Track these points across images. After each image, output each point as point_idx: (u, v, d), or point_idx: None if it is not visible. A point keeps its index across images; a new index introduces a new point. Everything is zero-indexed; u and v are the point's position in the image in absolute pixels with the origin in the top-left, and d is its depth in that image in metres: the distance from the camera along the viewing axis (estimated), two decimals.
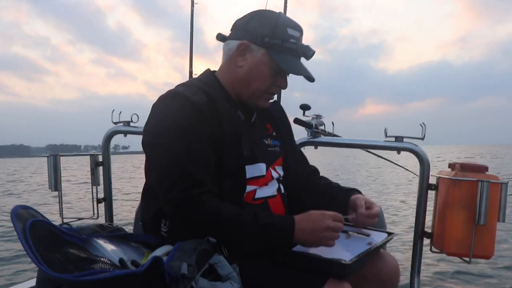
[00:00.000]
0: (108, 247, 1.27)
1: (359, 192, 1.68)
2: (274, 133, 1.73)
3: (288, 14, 1.65)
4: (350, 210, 1.58)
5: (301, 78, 1.58)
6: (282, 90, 1.69)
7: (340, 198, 1.64)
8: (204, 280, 1.05)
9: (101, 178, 2.57)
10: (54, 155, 2.44)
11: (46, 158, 2.44)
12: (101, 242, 1.28)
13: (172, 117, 1.40)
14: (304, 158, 1.90)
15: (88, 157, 2.56)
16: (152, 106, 1.48)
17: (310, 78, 1.57)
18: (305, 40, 1.59)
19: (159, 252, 1.25)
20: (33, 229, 1.09)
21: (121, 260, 1.16)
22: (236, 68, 1.55)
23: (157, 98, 1.49)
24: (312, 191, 1.73)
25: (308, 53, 1.56)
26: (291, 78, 1.61)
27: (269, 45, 1.50)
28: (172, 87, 1.55)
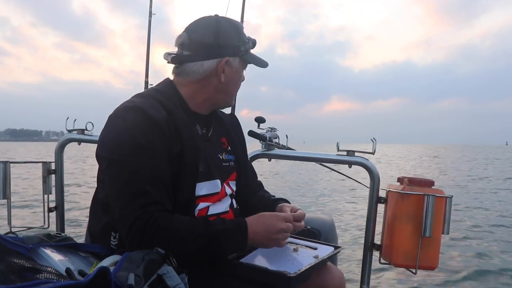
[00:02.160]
0: (56, 256, 1.25)
1: (286, 201, 1.75)
2: (229, 148, 1.75)
3: (256, 9, 1.74)
4: None
5: (265, 69, 1.69)
6: (245, 88, 1.77)
7: (270, 209, 1.69)
8: None
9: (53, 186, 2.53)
10: (4, 162, 2.37)
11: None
12: (48, 251, 1.26)
13: (130, 132, 1.38)
14: (254, 173, 1.95)
15: (40, 164, 2.52)
16: (108, 118, 1.46)
17: (266, 64, 1.67)
18: (272, 35, 1.71)
19: (107, 262, 1.25)
20: None
21: (67, 270, 1.14)
22: (214, 84, 1.58)
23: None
24: (255, 204, 1.76)
25: (255, 43, 1.65)
26: (256, 74, 1.73)
27: (240, 52, 1.57)
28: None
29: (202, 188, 1.51)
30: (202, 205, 1.52)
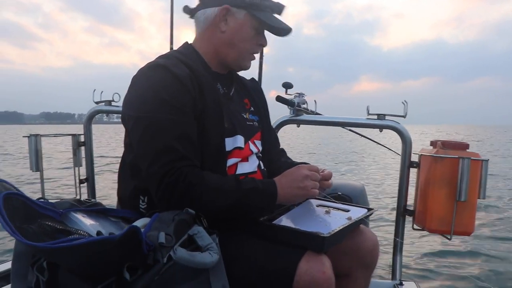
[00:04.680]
0: (86, 221, 1.26)
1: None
2: (252, 108, 1.74)
3: None
4: None
5: (292, 49, 1.63)
6: (271, 69, 1.70)
7: None
8: (182, 249, 1.05)
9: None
10: (35, 135, 2.41)
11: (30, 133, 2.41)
12: (79, 216, 1.27)
13: (154, 89, 1.38)
14: (276, 139, 1.94)
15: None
16: (132, 78, 1.46)
17: (288, 31, 1.58)
18: (298, 15, 1.63)
19: (137, 224, 1.24)
20: (7, 202, 1.08)
21: (98, 233, 1.14)
22: (218, 34, 1.56)
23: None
24: (277, 169, 1.74)
25: (281, 8, 1.59)
26: (281, 52, 1.65)
27: (249, 6, 1.52)
28: None
29: (228, 144, 1.51)
30: (230, 161, 1.51)
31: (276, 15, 1.59)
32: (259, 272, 1.32)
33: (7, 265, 2.09)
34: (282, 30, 1.57)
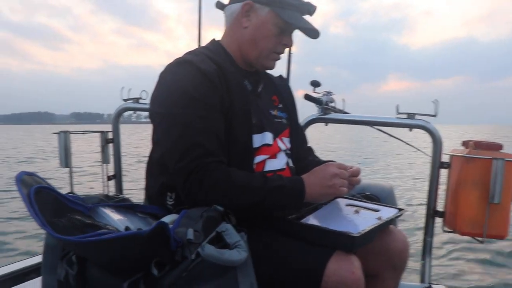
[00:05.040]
0: (114, 216, 1.26)
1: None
2: (280, 105, 1.72)
3: None
4: None
5: (319, 48, 1.59)
6: (299, 68, 1.68)
7: None
8: (210, 246, 1.03)
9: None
10: (64, 131, 2.44)
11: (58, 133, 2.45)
12: (107, 211, 1.27)
13: (181, 85, 1.37)
14: (304, 136, 1.90)
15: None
16: (160, 74, 1.46)
17: (316, 33, 1.54)
18: (326, 13, 1.59)
19: (166, 220, 1.24)
20: (38, 195, 1.09)
21: (127, 228, 1.14)
22: (241, 30, 1.55)
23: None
24: (305, 168, 1.71)
25: (311, 9, 1.56)
26: (309, 52, 1.61)
27: (273, 3, 1.49)
28: None
29: (255, 141, 1.49)
30: (258, 158, 1.50)
31: (305, 16, 1.56)
32: (287, 271, 1.30)
33: (39, 258, 2.13)
34: (309, 31, 1.54)
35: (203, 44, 1.67)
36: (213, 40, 1.63)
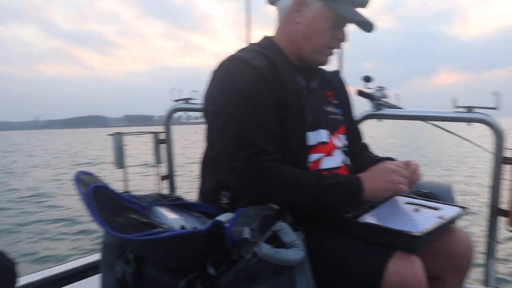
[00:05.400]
0: (169, 215, 1.26)
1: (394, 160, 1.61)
2: (335, 101, 1.67)
3: None
4: None
5: (367, 43, 1.53)
6: (346, 64, 1.63)
7: None
8: (267, 246, 1.01)
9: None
10: (118, 133, 2.49)
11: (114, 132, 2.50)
12: (162, 210, 1.27)
13: (233, 82, 1.36)
14: (360, 133, 1.84)
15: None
16: (212, 72, 1.45)
17: (370, 26, 1.49)
18: (372, 7, 1.52)
19: (221, 218, 1.22)
20: (96, 194, 1.10)
21: (182, 227, 1.14)
22: (293, 26, 1.51)
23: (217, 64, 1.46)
24: (360, 164, 1.65)
25: (364, 1, 1.51)
26: (357, 46, 1.54)
27: None
28: None
29: (310, 138, 1.46)
30: (314, 156, 1.46)
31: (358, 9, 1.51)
32: (345, 271, 1.26)
33: (96, 256, 2.18)
34: (364, 24, 1.48)
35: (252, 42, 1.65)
36: (265, 37, 1.61)
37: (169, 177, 2.59)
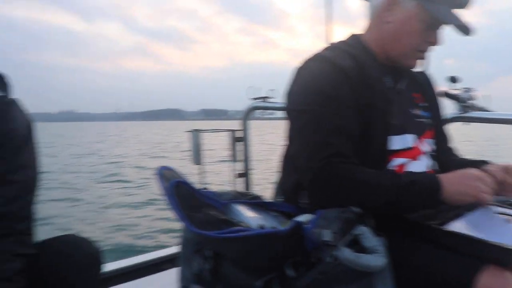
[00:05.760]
0: (248, 213, 1.25)
1: (487, 163, 1.49)
2: (423, 104, 1.58)
3: None
4: None
5: (449, 39, 1.43)
6: (429, 59, 1.53)
7: None
8: (347, 249, 0.98)
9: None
10: (196, 130, 2.53)
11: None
12: (240, 208, 1.27)
13: (316, 82, 1.33)
14: (448, 136, 1.74)
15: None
16: (295, 70, 1.42)
17: (469, 29, 1.39)
18: None
19: (300, 219, 1.20)
20: (177, 189, 1.12)
21: (261, 226, 1.13)
22: (383, 25, 1.44)
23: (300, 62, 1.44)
24: (447, 168, 1.55)
25: (463, 2, 1.40)
26: (440, 47, 1.45)
27: None
28: None
29: (394, 142, 1.39)
30: (398, 161, 1.40)
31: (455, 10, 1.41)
32: (429, 282, 1.19)
33: (173, 249, 2.23)
34: (461, 27, 1.38)
35: (332, 40, 1.60)
36: (352, 35, 1.55)
37: (245, 175, 2.60)
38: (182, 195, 1.12)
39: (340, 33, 1.56)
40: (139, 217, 8.59)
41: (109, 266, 1.96)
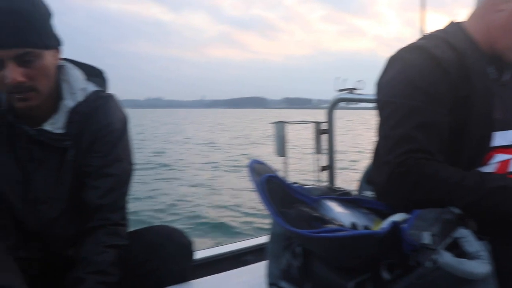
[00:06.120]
0: (338, 210, 1.22)
1: None
2: None
3: None
4: None
5: None
6: None
7: None
8: (448, 254, 0.92)
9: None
10: (280, 122, 2.52)
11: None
12: (331, 204, 1.24)
13: (407, 73, 1.27)
14: None
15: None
16: (387, 60, 1.37)
17: None
18: None
19: (395, 219, 1.15)
20: (268, 184, 1.11)
21: (353, 224, 1.10)
22: (494, 13, 1.32)
23: (389, 53, 1.37)
24: None
25: None
26: None
27: None
28: (403, 43, 1.41)
29: (496, 138, 1.29)
30: (500, 157, 1.29)
31: None
32: None
33: (254, 242, 2.24)
34: None
35: (425, 27, 1.51)
36: (452, 23, 1.45)
37: (329, 168, 2.56)
38: (274, 190, 1.11)
39: (435, 21, 1.45)
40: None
41: (199, 254, 2.00)
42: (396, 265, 0.95)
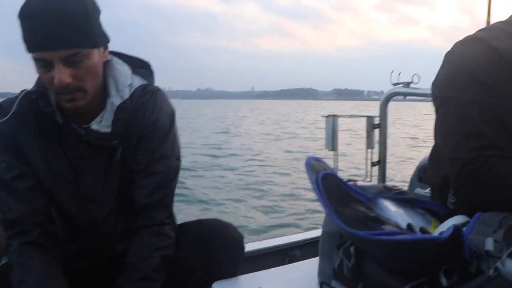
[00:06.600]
0: (394, 209, 1.20)
1: None
2: None
3: None
4: None
5: None
6: None
7: None
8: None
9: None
10: (332, 115, 2.49)
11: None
12: (387, 203, 1.22)
13: (465, 66, 1.21)
14: None
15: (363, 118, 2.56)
16: (446, 54, 1.31)
17: None
18: None
19: (452, 222, 1.12)
20: (324, 181, 1.09)
21: (409, 226, 1.07)
22: None
23: (444, 42, 1.32)
24: None
25: None
26: None
27: None
28: (459, 31, 1.35)
29: None
30: None
31: None
32: None
33: (307, 235, 2.23)
34: None
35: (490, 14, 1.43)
36: None
37: (381, 163, 2.52)
38: (330, 187, 1.09)
39: (499, 8, 1.36)
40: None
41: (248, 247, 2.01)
42: (455, 271, 0.93)
